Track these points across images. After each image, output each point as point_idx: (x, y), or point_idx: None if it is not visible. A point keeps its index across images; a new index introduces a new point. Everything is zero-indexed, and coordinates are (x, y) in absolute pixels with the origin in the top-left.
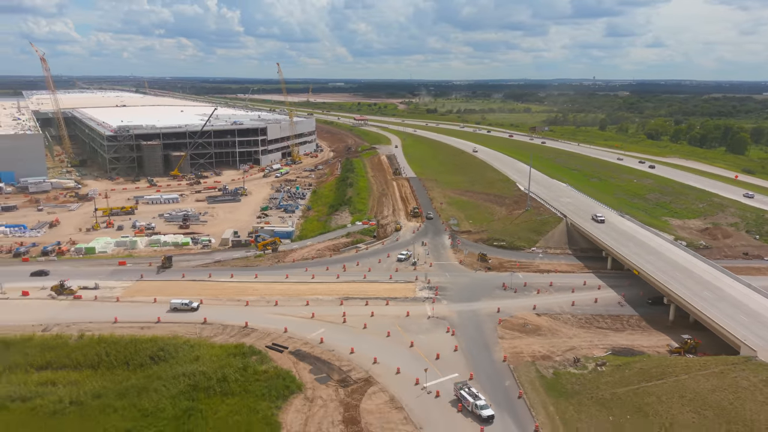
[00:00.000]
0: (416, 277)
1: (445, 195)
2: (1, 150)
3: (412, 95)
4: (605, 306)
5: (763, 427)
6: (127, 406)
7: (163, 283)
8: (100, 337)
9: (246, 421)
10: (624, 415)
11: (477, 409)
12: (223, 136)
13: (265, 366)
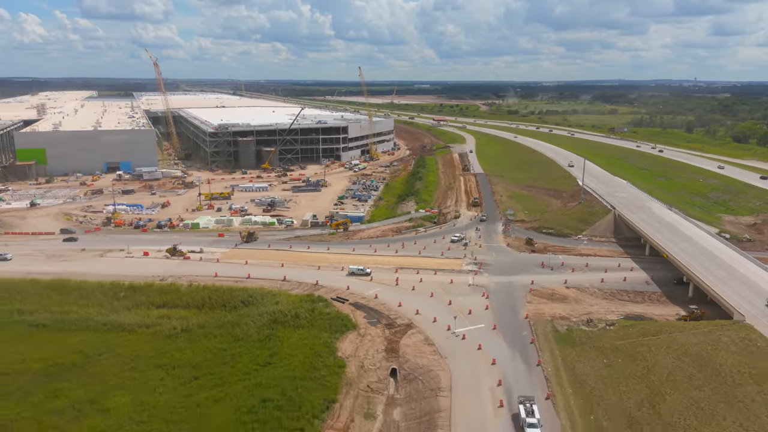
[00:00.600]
0: (465, 255)
1: (508, 189)
2: (121, 143)
3: (497, 97)
4: (632, 284)
5: (726, 368)
6: (224, 333)
7: (253, 251)
8: (204, 286)
9: (311, 345)
10: (617, 359)
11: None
12: (309, 134)
13: (329, 310)
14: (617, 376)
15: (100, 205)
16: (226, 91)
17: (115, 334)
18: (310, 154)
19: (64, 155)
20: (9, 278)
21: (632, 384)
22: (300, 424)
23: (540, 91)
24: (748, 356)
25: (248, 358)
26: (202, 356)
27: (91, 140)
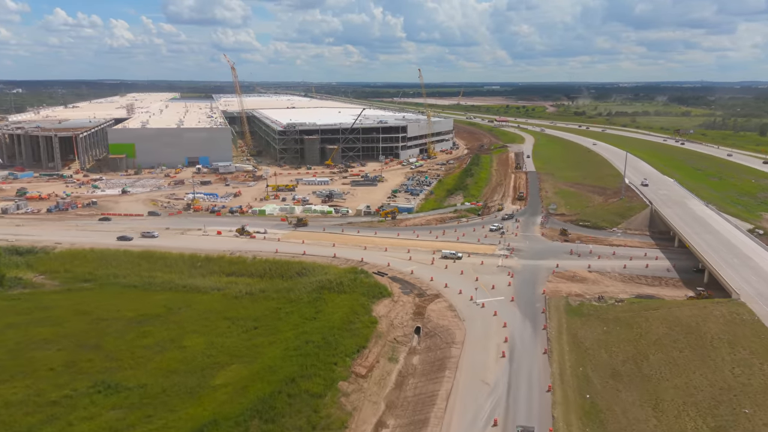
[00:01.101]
0: (500, 241)
1: (555, 186)
2: (200, 140)
3: (568, 98)
4: (653, 270)
5: (709, 335)
6: (280, 296)
7: (309, 233)
8: (266, 259)
9: (350, 306)
10: (615, 327)
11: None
12: (370, 133)
13: (369, 280)
14: (612, 340)
15: (181, 194)
16: (298, 93)
17: (192, 295)
18: (371, 152)
19: (150, 150)
20: (107, 249)
21: (623, 346)
22: (334, 360)
23: (615, 92)
24: (731, 326)
25: (298, 314)
26: (261, 312)
27: (174, 137)
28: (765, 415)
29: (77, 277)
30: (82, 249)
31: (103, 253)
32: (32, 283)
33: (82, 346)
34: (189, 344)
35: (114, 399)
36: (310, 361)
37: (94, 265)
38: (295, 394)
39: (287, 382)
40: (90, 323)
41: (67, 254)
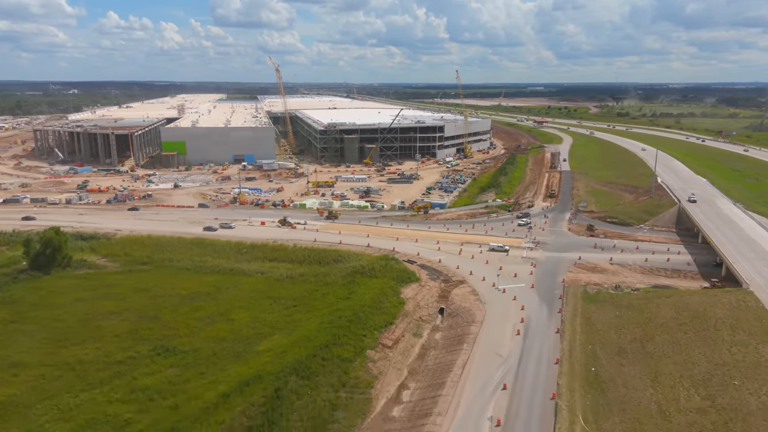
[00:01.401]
0: (526, 235)
1: (588, 185)
2: (246, 139)
3: (613, 99)
4: (673, 264)
5: (713, 319)
6: (317, 279)
7: (346, 225)
8: (305, 247)
9: (381, 288)
10: (627, 312)
11: None
12: (407, 132)
13: (399, 266)
14: (622, 323)
15: (228, 188)
16: (340, 94)
17: (238, 277)
18: (408, 151)
19: (200, 148)
20: (162, 236)
21: (632, 328)
22: (363, 332)
23: (663, 93)
24: (735, 311)
25: (333, 295)
26: (300, 293)
27: (222, 136)
28: (751, 386)
29: (136, 260)
30: (139, 235)
31: (159, 240)
32: (96, 265)
33: (142, 317)
34: (236, 318)
35: (171, 360)
36: (342, 332)
37: (151, 250)
38: (328, 358)
39: (321, 348)
40: (149, 299)
41: (126, 240)
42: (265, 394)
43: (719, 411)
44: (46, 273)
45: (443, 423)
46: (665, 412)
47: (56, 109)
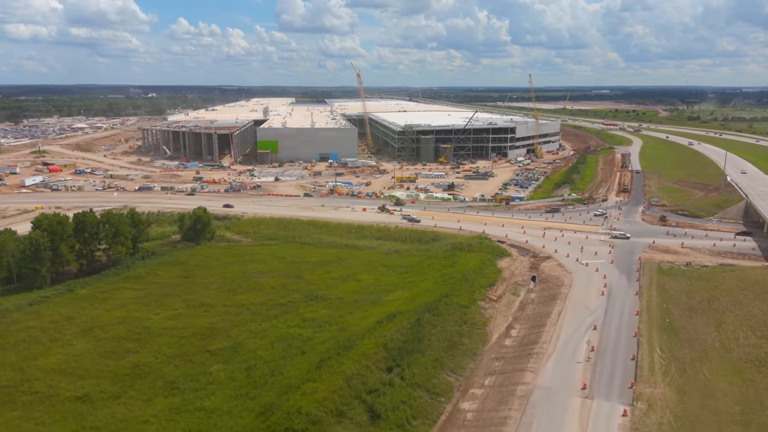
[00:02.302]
0: (602, 223)
1: (660, 183)
2: (331, 139)
3: (683, 102)
4: (739, 249)
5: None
6: (421, 254)
7: (436, 212)
8: (405, 228)
9: (480, 259)
10: (696, 281)
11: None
12: (480, 133)
13: (492, 244)
14: (692, 289)
15: (322, 182)
16: (402, 97)
17: (353, 250)
18: (480, 151)
19: (290, 146)
20: (282, 217)
21: (700, 293)
22: (472, 289)
23: (737, 97)
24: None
25: (438, 264)
26: (409, 263)
27: (309, 136)
28: None
29: (264, 236)
30: (263, 217)
31: (281, 220)
32: (232, 239)
33: (287, 276)
34: (362, 279)
35: (323, 304)
36: (455, 288)
37: (275, 228)
38: (449, 304)
39: (442, 297)
40: (286, 264)
41: (253, 220)
42: (408, 323)
43: None
44: (197, 243)
45: (548, 348)
46: (726, 346)
47: (143, 111)
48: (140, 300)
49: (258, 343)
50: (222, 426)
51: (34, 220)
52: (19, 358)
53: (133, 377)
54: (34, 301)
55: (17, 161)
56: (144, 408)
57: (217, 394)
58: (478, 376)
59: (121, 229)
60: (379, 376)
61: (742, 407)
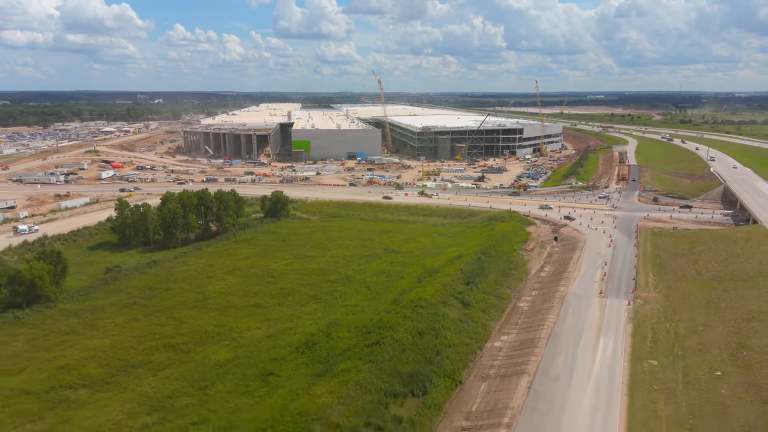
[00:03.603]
0: (605, 203)
1: (653, 174)
2: (358, 139)
3: (676, 107)
4: (716, 219)
5: (735, 237)
6: (462, 225)
7: (467, 196)
8: (445, 207)
9: (512, 226)
10: (681, 239)
11: None
12: (491, 134)
13: (519, 216)
14: (677, 243)
15: (358, 175)
16: (402, 102)
17: (406, 224)
18: (492, 150)
19: (321, 146)
20: (340, 200)
21: (683, 245)
22: (510, 244)
23: (730, 101)
24: (751, 233)
25: (479, 230)
26: (454, 231)
27: (338, 136)
28: (750, 262)
29: (328, 215)
30: (324, 200)
31: (339, 203)
32: (303, 217)
33: (362, 239)
34: (421, 240)
35: (398, 255)
36: (498, 243)
37: (337, 209)
38: (497, 250)
39: (490, 247)
40: (357, 232)
41: (316, 203)
42: (471, 260)
43: (731, 273)
44: (277, 219)
45: (573, 275)
46: (699, 272)
47: (160, 117)
48: (257, 254)
49: (363, 275)
50: (368, 310)
51: (163, 196)
52: (193, 287)
53: (283, 294)
54: (177, 255)
55: (77, 159)
56: (302, 308)
57: (353, 299)
58: (526, 291)
59: (229, 204)
60: (461, 286)
61: (706, 302)
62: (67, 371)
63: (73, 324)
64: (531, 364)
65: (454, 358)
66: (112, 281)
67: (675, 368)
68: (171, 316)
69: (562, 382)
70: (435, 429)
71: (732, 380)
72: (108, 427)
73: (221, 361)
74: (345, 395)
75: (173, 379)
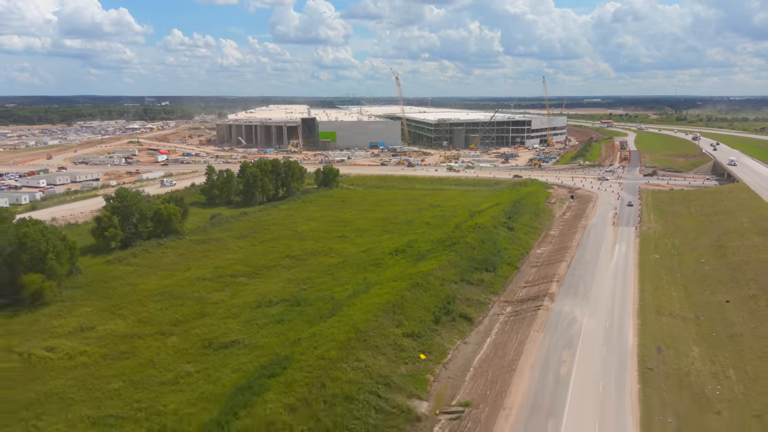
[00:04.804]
0: (612, 174)
1: (651, 156)
2: (380, 129)
3: (672, 108)
4: (706, 185)
5: (721, 191)
6: (490, 189)
7: (490, 170)
8: (472, 178)
9: (536, 188)
10: (676, 194)
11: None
12: (502, 125)
13: (540, 182)
14: (674, 197)
15: (386, 159)
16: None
17: (440, 191)
18: (502, 140)
19: (345, 136)
20: (379, 174)
21: (678, 198)
22: (537, 198)
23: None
24: (734, 189)
25: (507, 192)
26: (485, 194)
27: (362, 127)
28: (727, 203)
29: (371, 186)
30: (366, 175)
31: (379, 176)
32: (349, 188)
33: (408, 199)
34: (458, 200)
35: (443, 209)
36: (526, 197)
37: (378, 181)
38: (527, 201)
39: (521, 199)
40: (402, 195)
41: (359, 177)
42: (507, 206)
43: (715, 211)
44: (330, 188)
45: (590, 216)
46: (691, 212)
47: (175, 116)
48: (327, 208)
49: (421, 218)
50: (436, 233)
51: (242, 164)
52: (286, 228)
53: (360, 231)
54: (260, 210)
55: (125, 148)
56: (379, 237)
57: (420, 229)
58: (554, 225)
59: (296, 171)
60: (505, 219)
61: (696, 227)
62: (222, 269)
63: (205, 247)
64: (567, 257)
65: (510, 255)
66: (218, 224)
67: (671, 259)
68: (279, 243)
69: (591, 264)
70: (507, 286)
71: (712, 263)
72: (274, 289)
73: (334, 263)
74: (441, 267)
75: (304, 271)
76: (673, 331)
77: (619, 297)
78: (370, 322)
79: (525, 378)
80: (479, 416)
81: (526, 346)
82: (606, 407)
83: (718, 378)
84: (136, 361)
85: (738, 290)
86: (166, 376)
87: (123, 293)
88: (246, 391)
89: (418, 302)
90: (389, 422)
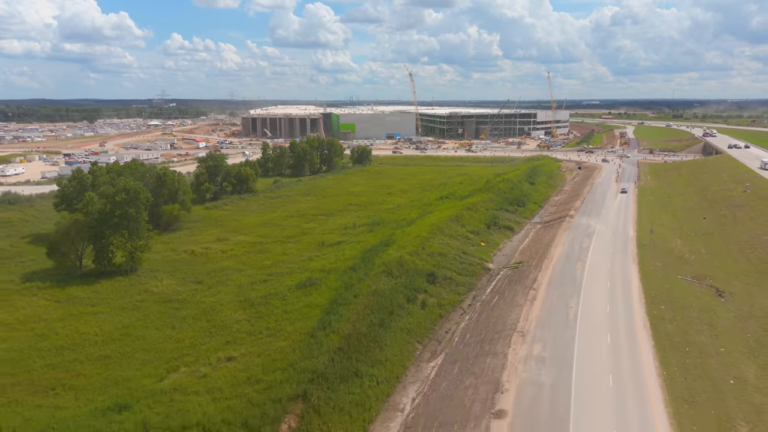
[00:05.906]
0: (613, 152)
1: (649, 142)
2: (396, 121)
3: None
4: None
5: (706, 161)
6: (506, 165)
7: (504, 150)
8: (489, 156)
9: (548, 161)
10: (671, 165)
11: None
12: (509, 117)
13: (551, 158)
14: (668, 167)
15: (405, 145)
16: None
17: (461, 167)
18: (510, 131)
19: (364, 128)
20: (406, 155)
21: (671, 167)
22: (551, 167)
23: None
24: (719, 158)
25: (523, 166)
26: (502, 169)
27: (379, 119)
28: (711, 167)
29: (399, 164)
30: (391, 155)
31: (405, 156)
32: (380, 166)
33: (436, 173)
34: (478, 172)
35: (466, 177)
36: (540, 166)
37: (404, 160)
38: (541, 168)
39: (533, 168)
40: (428, 169)
41: (386, 157)
42: (525, 170)
43: (702, 171)
44: (363, 165)
45: (597, 177)
46: (681, 174)
47: (189, 115)
48: (368, 178)
49: (452, 181)
50: (469, 186)
51: (291, 141)
52: (338, 189)
53: (404, 191)
54: (310, 178)
55: (161, 139)
56: (422, 193)
57: (455, 186)
58: (566, 185)
59: (338, 148)
60: (526, 177)
61: (685, 182)
62: (303, 212)
63: (279, 201)
64: (580, 199)
65: (534, 198)
66: (279, 188)
67: (663, 200)
68: (340, 198)
69: (599, 202)
70: (535, 215)
71: (695, 200)
72: (352, 220)
73: (392, 207)
74: (483, 201)
75: (370, 212)
76: (663, 232)
77: (622, 217)
78: (443, 224)
79: (559, 248)
80: (530, 265)
81: (557, 237)
82: (615, 258)
83: (692, 251)
84: (272, 254)
85: (712, 212)
86: (303, 256)
87: (233, 225)
88: (370, 252)
89: (473, 218)
90: (471, 268)
